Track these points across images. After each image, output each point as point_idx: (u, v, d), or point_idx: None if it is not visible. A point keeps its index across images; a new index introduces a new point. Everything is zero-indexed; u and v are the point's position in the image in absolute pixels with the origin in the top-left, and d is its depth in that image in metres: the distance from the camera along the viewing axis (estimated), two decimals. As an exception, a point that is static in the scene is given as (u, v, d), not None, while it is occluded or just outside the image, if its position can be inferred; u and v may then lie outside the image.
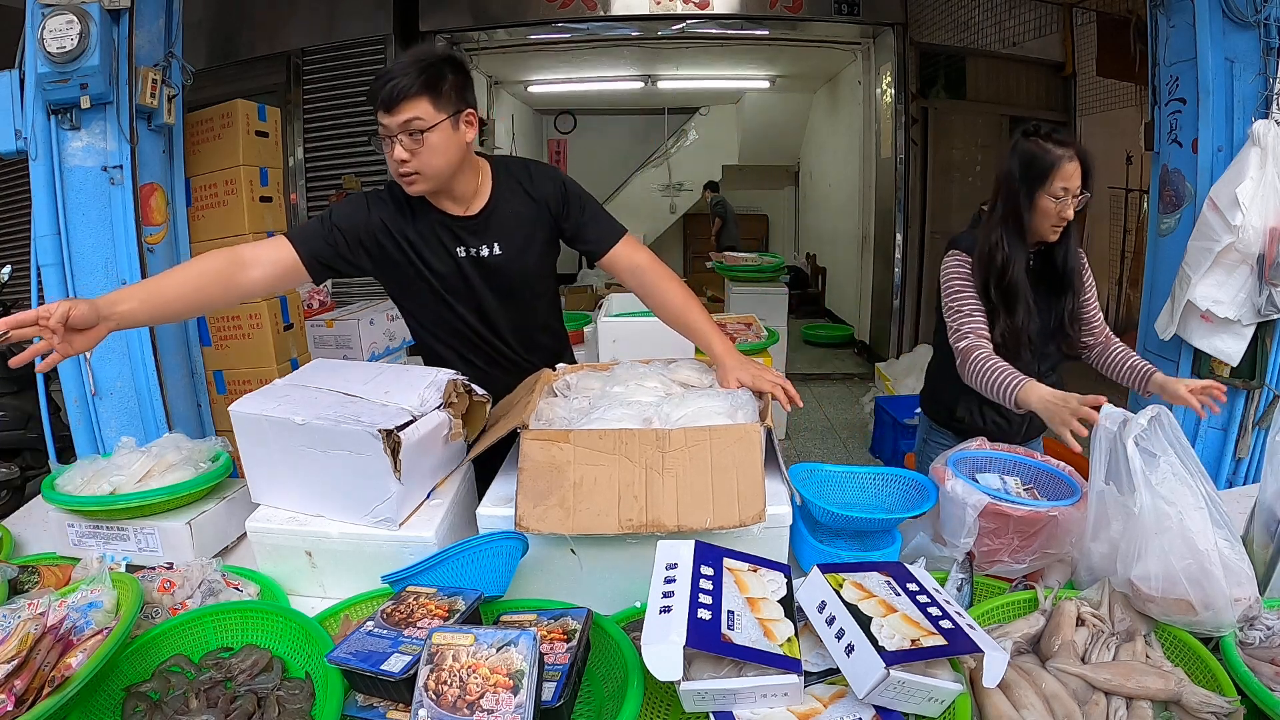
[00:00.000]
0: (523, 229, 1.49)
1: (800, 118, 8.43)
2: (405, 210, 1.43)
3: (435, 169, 1.33)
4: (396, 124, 1.28)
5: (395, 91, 1.26)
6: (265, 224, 2.83)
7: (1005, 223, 1.60)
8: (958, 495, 1.20)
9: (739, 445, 1.12)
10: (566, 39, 5.41)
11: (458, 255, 1.45)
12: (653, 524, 1.08)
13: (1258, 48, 2.05)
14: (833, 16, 5.05)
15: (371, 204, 1.43)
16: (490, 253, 1.46)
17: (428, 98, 1.28)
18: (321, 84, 5.11)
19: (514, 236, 1.48)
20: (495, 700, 0.79)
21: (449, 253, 1.45)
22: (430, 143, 1.30)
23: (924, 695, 0.85)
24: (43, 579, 1.17)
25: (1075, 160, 1.54)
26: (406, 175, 1.33)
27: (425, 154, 1.31)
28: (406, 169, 1.32)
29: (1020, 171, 1.58)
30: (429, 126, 1.29)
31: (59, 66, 2.03)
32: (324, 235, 1.40)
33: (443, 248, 1.45)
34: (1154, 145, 2.38)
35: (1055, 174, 1.54)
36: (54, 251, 2.18)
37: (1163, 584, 0.98)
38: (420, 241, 1.44)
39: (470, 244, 1.45)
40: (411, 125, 1.28)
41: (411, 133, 1.29)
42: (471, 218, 1.45)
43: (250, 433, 1.23)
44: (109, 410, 2.28)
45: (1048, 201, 1.56)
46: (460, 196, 1.43)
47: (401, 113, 1.27)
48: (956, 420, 1.80)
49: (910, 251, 5.51)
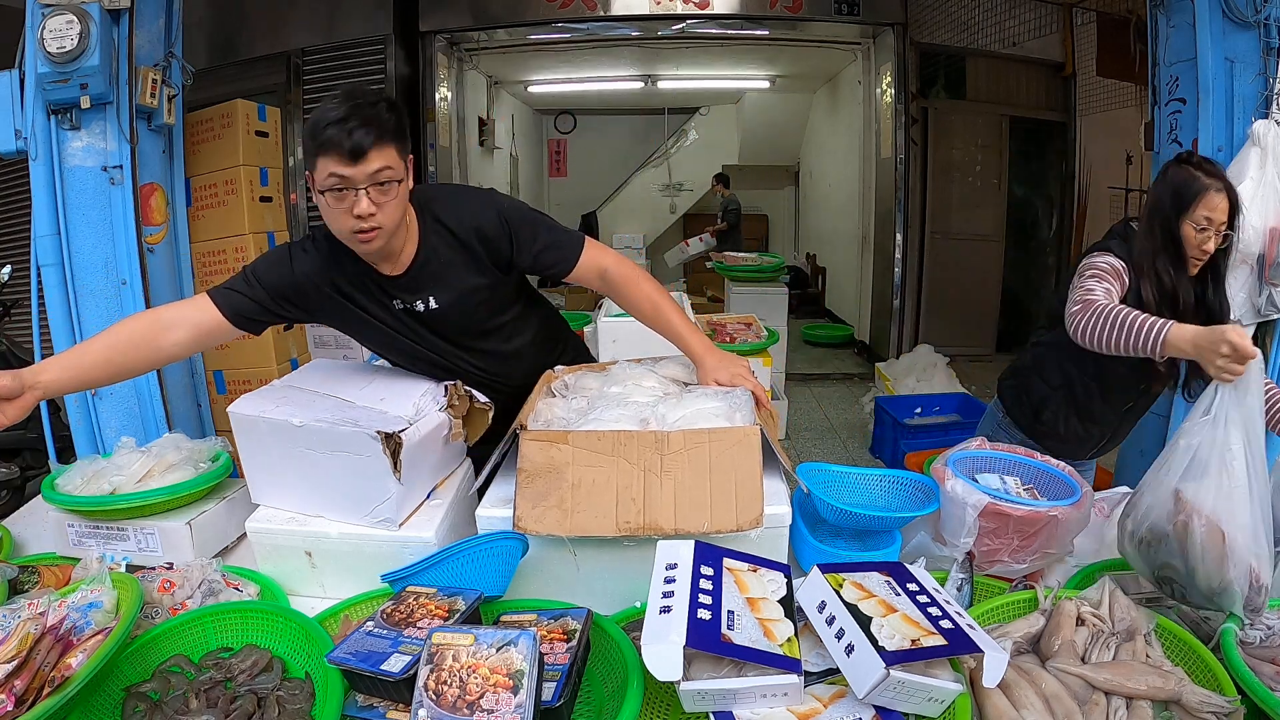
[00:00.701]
0: (456, 274, 1.36)
1: (800, 118, 8.42)
2: (333, 261, 1.31)
3: (395, 221, 1.23)
4: (365, 175, 1.16)
5: (365, 139, 1.14)
6: (265, 224, 2.84)
7: (1165, 250, 1.56)
8: (958, 495, 1.20)
9: (738, 448, 1.12)
10: (566, 39, 5.41)
11: (394, 308, 1.36)
12: (650, 527, 1.08)
13: (1258, 48, 2.05)
14: (833, 16, 5.04)
15: (295, 258, 1.31)
16: (426, 307, 1.36)
17: (394, 145, 1.18)
18: (321, 84, 5.10)
19: (449, 286, 1.36)
20: (495, 700, 0.79)
21: (385, 306, 1.36)
22: (398, 194, 1.20)
23: (924, 695, 0.85)
24: (43, 579, 1.17)
25: (1224, 193, 1.52)
26: (368, 231, 1.20)
27: (391, 207, 1.20)
28: (371, 223, 1.19)
29: (1170, 194, 1.55)
30: (400, 177, 1.20)
31: (59, 66, 2.03)
32: (246, 291, 1.29)
33: (377, 300, 1.35)
34: (1154, 145, 2.38)
35: (1200, 202, 1.52)
36: (54, 251, 2.18)
37: (1213, 503, 0.99)
38: (354, 291, 1.34)
39: (404, 299, 1.35)
40: (382, 176, 1.17)
41: (382, 183, 1.18)
42: (399, 277, 1.33)
43: (249, 433, 1.23)
44: (109, 410, 2.28)
45: (1189, 229, 1.53)
46: (391, 253, 1.30)
47: (371, 162, 1.15)
48: (1040, 423, 1.78)
49: (910, 251, 5.50)
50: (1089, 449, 1.82)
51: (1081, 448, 1.81)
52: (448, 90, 5.57)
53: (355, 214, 1.18)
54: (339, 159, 1.15)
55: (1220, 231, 1.54)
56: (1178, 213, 1.54)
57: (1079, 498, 1.23)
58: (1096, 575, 1.16)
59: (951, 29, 5.25)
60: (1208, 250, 1.56)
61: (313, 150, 1.17)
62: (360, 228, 1.19)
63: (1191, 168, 1.55)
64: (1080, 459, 1.81)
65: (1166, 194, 1.56)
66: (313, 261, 1.31)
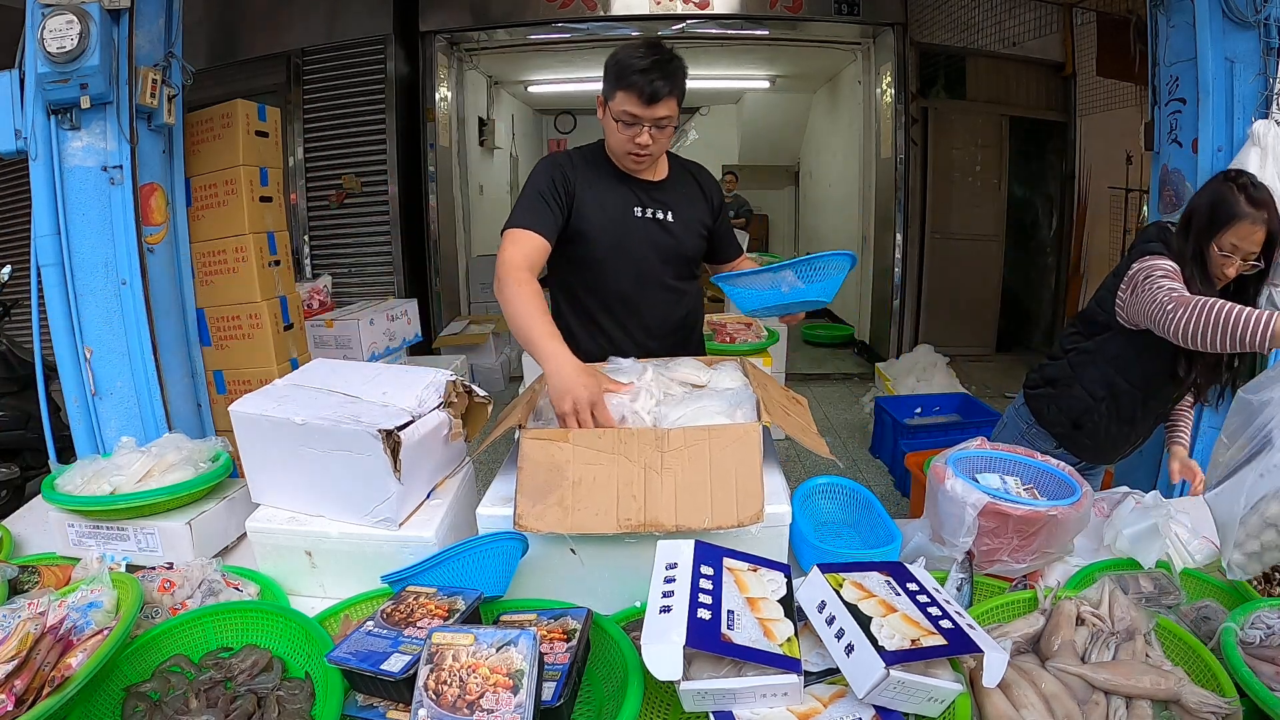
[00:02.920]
0: (692, 204, 1.69)
1: (800, 118, 8.42)
2: (596, 173, 1.62)
3: (661, 151, 1.59)
4: (651, 117, 1.48)
5: (660, 90, 1.45)
6: (265, 224, 2.83)
7: (1194, 261, 1.54)
8: (958, 494, 1.20)
9: (738, 445, 1.12)
10: (566, 39, 5.41)
11: (633, 215, 1.62)
12: (651, 524, 1.08)
13: (1258, 48, 2.05)
14: (833, 16, 5.05)
15: (567, 164, 1.61)
16: (664, 216, 1.64)
17: (678, 97, 1.50)
18: (321, 84, 5.11)
19: (683, 210, 1.67)
20: (495, 700, 0.79)
21: (627, 213, 1.62)
22: (668, 134, 1.53)
23: (924, 695, 0.85)
24: (43, 579, 1.17)
25: (1262, 226, 1.48)
26: (643, 156, 1.55)
27: (662, 141, 1.54)
28: (647, 151, 1.54)
29: (1205, 210, 1.53)
30: (676, 122, 1.52)
31: (59, 66, 2.03)
32: (546, 210, 1.53)
33: (621, 205, 1.62)
34: (1154, 145, 2.38)
35: (1231, 229, 1.49)
36: (54, 251, 2.17)
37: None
38: (604, 199, 1.61)
39: (648, 207, 1.63)
40: (663, 121, 1.50)
41: (661, 125, 1.50)
42: (656, 182, 1.66)
43: (250, 433, 1.23)
44: (109, 410, 2.27)
45: (1214, 250, 1.51)
46: (650, 169, 1.65)
47: (658, 109, 1.48)
48: (1080, 431, 1.74)
49: (910, 251, 5.50)
50: (1122, 453, 1.81)
51: (1117, 453, 1.80)
52: (448, 90, 5.57)
53: (637, 142, 1.52)
54: (636, 101, 1.47)
55: (1248, 260, 1.50)
56: (1209, 231, 1.51)
57: (1079, 498, 1.23)
58: (1096, 575, 1.16)
59: (951, 29, 5.25)
60: (1227, 275, 1.53)
61: (614, 83, 1.49)
62: (637, 152, 1.54)
63: (1237, 189, 1.50)
64: (1111, 463, 1.82)
65: (1204, 208, 1.53)
66: (578, 171, 1.61)
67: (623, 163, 1.60)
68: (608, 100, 1.52)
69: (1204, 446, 2.22)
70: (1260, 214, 1.48)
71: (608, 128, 1.56)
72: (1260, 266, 1.52)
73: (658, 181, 1.66)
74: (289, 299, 2.97)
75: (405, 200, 5.21)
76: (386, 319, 3.94)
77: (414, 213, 5.39)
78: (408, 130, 5.23)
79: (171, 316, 2.45)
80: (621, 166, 1.62)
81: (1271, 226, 1.48)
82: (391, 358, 3.93)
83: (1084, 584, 1.15)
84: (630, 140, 1.52)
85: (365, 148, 5.12)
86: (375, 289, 5.26)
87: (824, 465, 3.48)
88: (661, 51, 1.47)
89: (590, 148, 1.67)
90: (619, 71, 1.47)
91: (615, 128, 1.52)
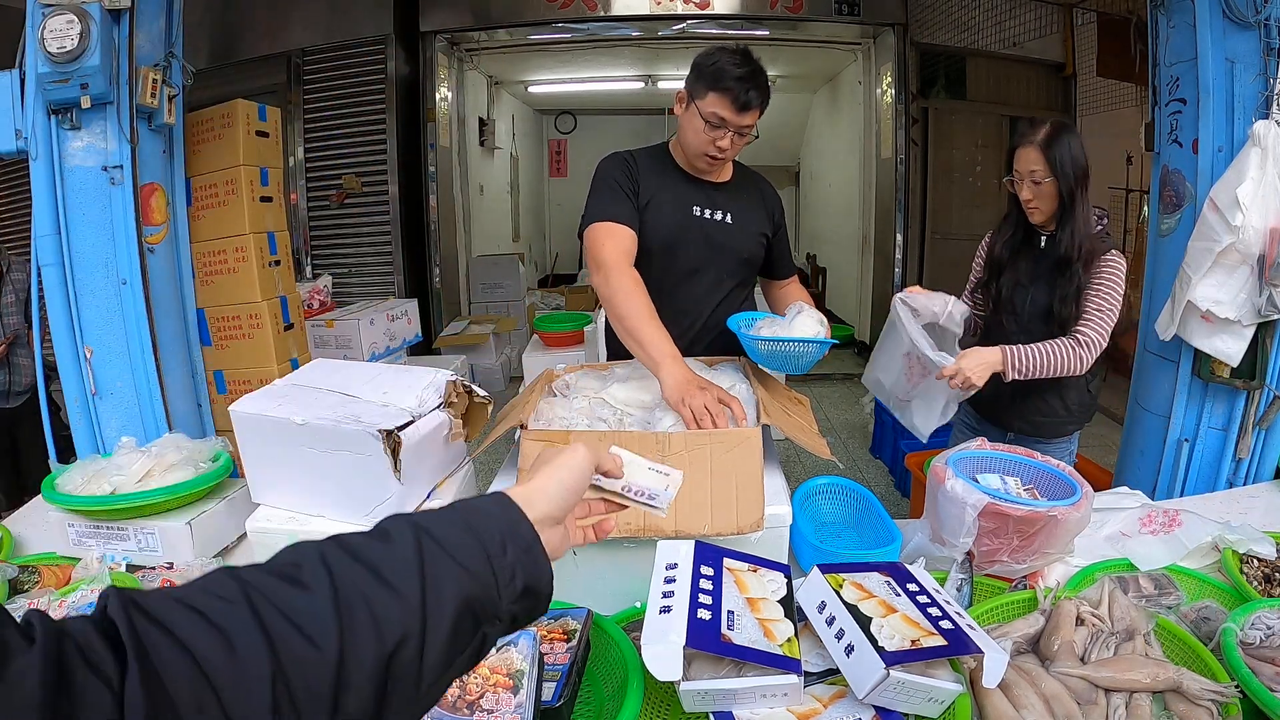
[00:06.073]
0: (752, 210, 1.72)
1: (800, 118, 8.42)
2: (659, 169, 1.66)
3: (733, 157, 1.63)
4: (739, 124, 1.52)
5: (753, 100, 1.51)
6: (265, 224, 2.83)
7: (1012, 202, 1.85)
8: (958, 495, 1.20)
9: (739, 450, 1.12)
10: (567, 39, 5.41)
11: (692, 213, 1.65)
12: (650, 528, 1.08)
13: (1258, 48, 2.04)
14: (833, 17, 5.05)
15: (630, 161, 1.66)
16: (722, 218, 1.67)
17: (760, 110, 1.55)
18: (321, 84, 5.11)
19: (742, 214, 1.70)
20: (495, 700, 0.79)
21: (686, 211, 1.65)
22: (744, 142, 1.58)
23: (924, 696, 0.85)
24: (43, 579, 1.17)
25: (1032, 147, 1.74)
26: (718, 159, 1.59)
27: (738, 147, 1.58)
28: (724, 155, 1.57)
29: None
30: (755, 132, 1.58)
31: (59, 66, 2.03)
32: (624, 200, 1.58)
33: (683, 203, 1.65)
34: (1154, 145, 2.38)
35: (1014, 157, 1.79)
36: (54, 251, 2.17)
37: None
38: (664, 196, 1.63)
39: (707, 207, 1.66)
40: (745, 129, 1.54)
41: (743, 133, 1.55)
42: (718, 184, 1.70)
43: (250, 432, 1.23)
44: (109, 410, 2.27)
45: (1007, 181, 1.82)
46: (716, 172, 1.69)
47: (746, 118, 1.52)
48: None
49: (910, 252, 5.50)
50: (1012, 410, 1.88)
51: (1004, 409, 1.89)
52: (448, 90, 5.57)
53: (718, 145, 1.55)
54: (729, 106, 1.50)
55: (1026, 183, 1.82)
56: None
57: (1079, 498, 1.23)
58: (1096, 575, 1.16)
59: (952, 29, 5.25)
60: (1025, 198, 1.84)
61: (709, 84, 1.51)
62: (715, 154, 1.57)
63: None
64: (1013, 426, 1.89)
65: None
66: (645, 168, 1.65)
67: (695, 162, 1.62)
68: (694, 99, 1.54)
69: (1204, 446, 2.23)
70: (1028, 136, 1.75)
71: (689, 125, 1.57)
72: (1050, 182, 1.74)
73: (720, 184, 1.70)
74: (289, 299, 2.97)
75: (405, 200, 5.21)
76: (387, 319, 3.94)
77: (414, 213, 5.40)
78: (408, 130, 5.23)
79: (172, 316, 2.45)
80: (691, 166, 1.64)
81: (1045, 146, 1.72)
82: (392, 358, 3.93)
83: (1084, 584, 1.16)
84: (712, 142, 1.54)
85: (365, 148, 5.13)
86: (375, 289, 5.26)
87: (824, 465, 3.48)
88: (754, 62, 1.52)
89: (652, 148, 1.71)
90: (715, 74, 1.49)
91: (700, 127, 1.53)
